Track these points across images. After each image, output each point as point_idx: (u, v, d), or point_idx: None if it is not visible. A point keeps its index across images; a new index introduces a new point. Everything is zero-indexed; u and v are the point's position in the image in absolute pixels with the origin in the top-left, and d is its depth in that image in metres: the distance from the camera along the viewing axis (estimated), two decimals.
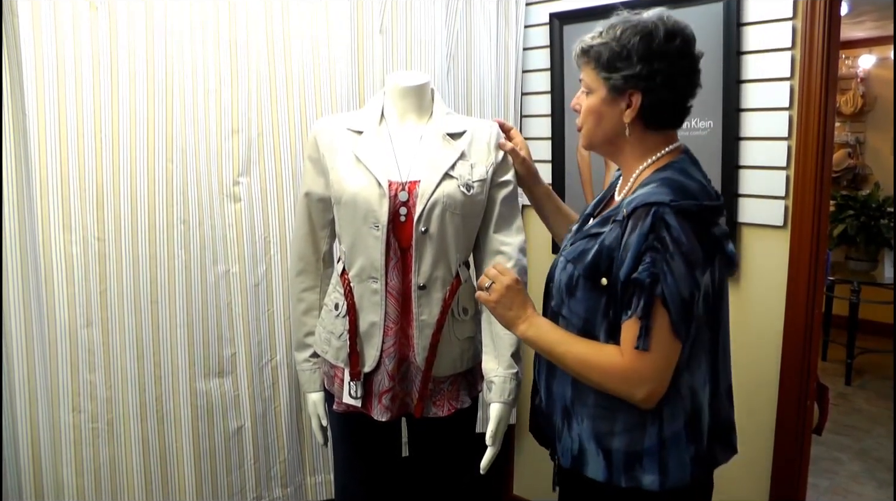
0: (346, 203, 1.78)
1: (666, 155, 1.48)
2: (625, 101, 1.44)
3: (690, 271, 1.32)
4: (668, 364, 1.37)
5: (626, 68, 1.42)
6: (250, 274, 2.30)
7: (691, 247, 1.32)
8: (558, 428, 1.54)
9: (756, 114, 2.25)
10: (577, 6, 2.65)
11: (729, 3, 2.23)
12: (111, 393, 2.10)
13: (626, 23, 1.44)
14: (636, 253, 1.33)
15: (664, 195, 1.34)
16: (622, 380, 1.38)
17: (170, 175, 2.12)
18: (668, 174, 1.42)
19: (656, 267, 1.30)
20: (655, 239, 1.31)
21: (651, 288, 1.31)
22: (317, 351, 1.95)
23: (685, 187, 1.38)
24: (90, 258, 2.03)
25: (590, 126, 1.52)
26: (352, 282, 1.82)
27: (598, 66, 1.45)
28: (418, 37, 2.52)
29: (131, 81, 2.05)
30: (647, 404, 1.39)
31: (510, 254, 1.84)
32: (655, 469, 1.41)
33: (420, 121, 1.87)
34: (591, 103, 1.49)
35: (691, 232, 1.32)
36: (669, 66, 1.42)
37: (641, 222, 1.33)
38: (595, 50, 1.45)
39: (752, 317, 2.29)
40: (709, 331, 1.43)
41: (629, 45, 1.41)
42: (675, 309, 1.31)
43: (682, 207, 1.33)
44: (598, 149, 1.57)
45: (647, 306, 1.32)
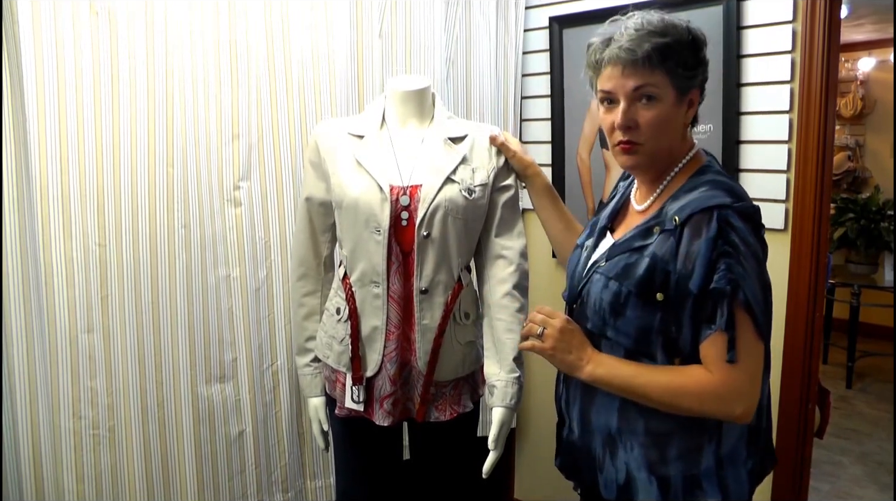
0: (347, 207, 1.79)
1: (693, 158, 1.44)
2: (687, 101, 1.38)
3: (761, 271, 1.28)
4: (760, 370, 1.31)
5: (698, 64, 1.36)
6: (251, 279, 2.31)
7: (758, 246, 1.29)
8: (599, 459, 1.46)
9: (756, 117, 2.26)
10: (576, 10, 2.66)
11: (729, 6, 2.24)
12: (112, 399, 2.10)
13: (669, 21, 1.34)
14: (708, 260, 1.26)
15: (723, 198, 1.29)
16: (718, 399, 1.29)
17: (170, 179, 2.13)
18: (712, 177, 1.36)
19: (733, 272, 1.24)
20: (726, 243, 1.25)
21: (733, 295, 1.25)
22: (318, 355, 1.96)
23: (735, 189, 1.34)
24: (91, 263, 2.03)
25: (659, 138, 1.38)
26: (353, 287, 1.83)
27: (673, 64, 1.32)
28: (418, 41, 2.53)
29: (131, 86, 2.06)
30: (745, 419, 1.31)
31: (511, 259, 1.85)
32: (716, 490, 1.36)
33: (421, 126, 1.88)
34: (660, 111, 1.35)
35: (752, 232, 1.29)
36: (707, 62, 1.41)
37: (706, 228, 1.27)
38: (669, 46, 1.32)
39: None
40: None
41: (696, 42, 1.35)
42: (758, 312, 1.26)
43: (744, 208, 1.29)
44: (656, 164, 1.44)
45: (731, 315, 1.25)
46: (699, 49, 1.36)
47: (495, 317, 1.84)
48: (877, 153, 6.20)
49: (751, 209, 1.30)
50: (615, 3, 2.48)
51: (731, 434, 1.36)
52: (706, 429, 1.35)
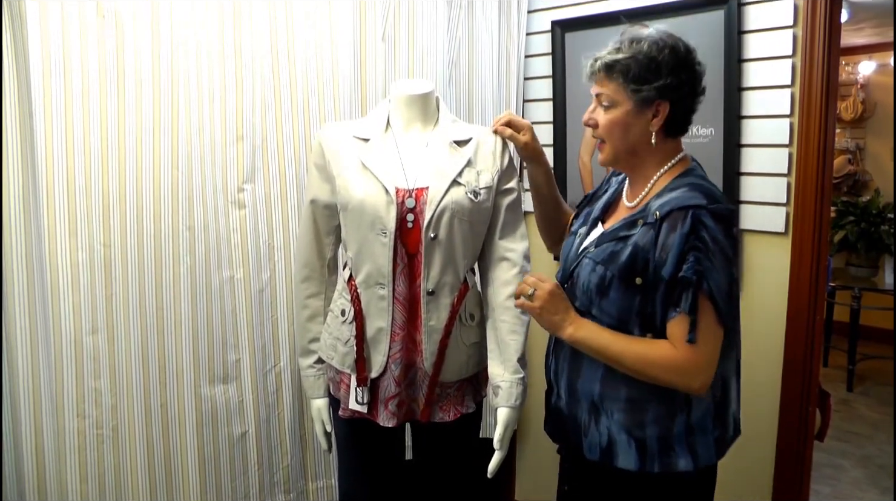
0: (353, 209, 1.80)
1: (679, 162, 1.59)
2: (651, 112, 1.53)
3: (728, 266, 1.44)
4: (717, 352, 1.48)
5: (656, 80, 1.50)
6: (255, 281, 2.33)
7: (726, 244, 1.44)
8: (584, 424, 1.60)
9: (757, 121, 2.28)
10: (579, 14, 2.69)
11: (730, 11, 2.26)
12: (116, 400, 2.12)
13: (645, 37, 1.52)
14: (679, 253, 1.43)
15: (700, 199, 1.45)
16: (679, 372, 1.46)
17: (175, 181, 2.16)
18: (693, 180, 1.53)
19: (701, 264, 1.41)
20: (696, 239, 1.42)
21: (698, 284, 1.41)
22: (322, 357, 1.98)
23: (713, 192, 1.50)
24: (96, 264, 2.06)
25: (616, 139, 1.58)
26: (358, 288, 1.85)
27: (626, 79, 1.51)
28: (421, 44, 2.55)
29: (137, 89, 2.08)
30: (701, 391, 1.49)
31: (515, 261, 1.87)
32: (686, 453, 1.52)
33: (425, 129, 1.90)
34: (615, 116, 1.55)
35: (723, 232, 1.44)
36: (691, 79, 1.54)
37: (681, 224, 1.43)
38: (622, 64, 1.51)
39: (754, 324, 2.31)
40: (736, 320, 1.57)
41: (659, 58, 1.50)
42: (720, 301, 1.43)
43: (717, 210, 1.44)
44: (620, 162, 1.63)
45: (693, 301, 1.42)
46: (661, 66, 1.50)
47: (499, 319, 1.86)
48: (877, 156, 6.22)
49: (724, 211, 1.46)
50: (617, 8, 2.52)
51: (699, 406, 1.53)
52: (678, 399, 1.52)
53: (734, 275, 1.47)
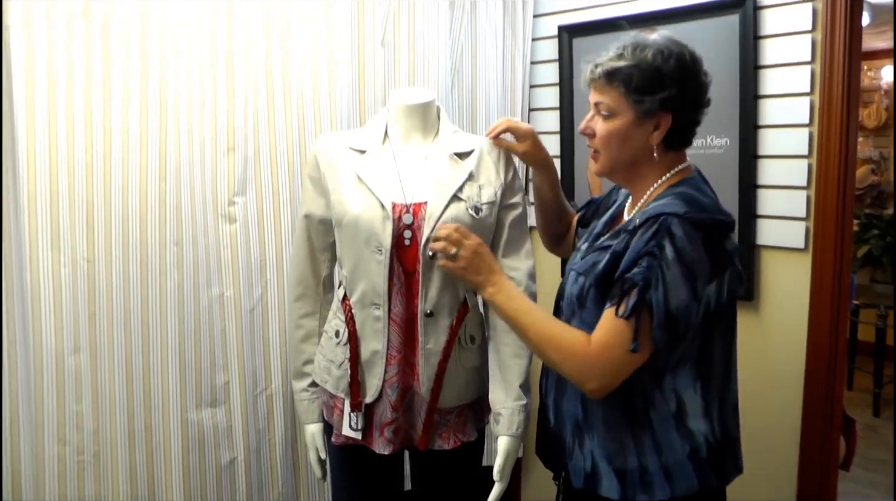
0: (347, 225, 1.80)
1: (678, 173, 1.58)
2: (652, 124, 1.52)
3: (689, 282, 1.40)
4: (627, 365, 1.46)
5: (660, 91, 1.49)
6: (245, 299, 2.33)
7: (696, 258, 1.41)
8: (569, 447, 1.61)
9: (774, 130, 2.28)
10: (587, 18, 2.70)
11: (745, 15, 2.27)
12: (98, 424, 2.12)
13: (650, 45, 1.50)
14: (636, 253, 1.43)
15: (678, 207, 1.44)
16: (578, 366, 1.48)
17: (163, 194, 2.16)
18: (683, 189, 1.52)
19: (651, 272, 1.40)
20: (656, 245, 1.40)
21: (642, 291, 1.40)
22: (316, 380, 1.97)
23: (699, 201, 1.48)
24: (79, 280, 2.06)
25: (613, 150, 1.57)
26: (353, 309, 1.84)
27: (627, 88, 1.50)
28: (422, 50, 2.57)
29: (124, 96, 2.09)
30: (595, 394, 1.49)
31: (519, 280, 1.86)
32: (663, 478, 1.50)
33: (425, 141, 1.90)
34: (614, 127, 1.54)
35: (701, 243, 1.41)
36: (696, 89, 1.54)
37: (648, 228, 1.43)
38: (624, 72, 1.50)
39: (773, 345, 2.31)
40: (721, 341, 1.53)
41: (664, 68, 1.49)
42: (657, 317, 1.40)
43: (695, 219, 1.42)
44: (616, 173, 1.62)
45: (636, 307, 1.40)
46: (665, 76, 1.49)
47: (501, 342, 1.85)
48: None
49: (707, 221, 1.44)
50: (628, 12, 2.53)
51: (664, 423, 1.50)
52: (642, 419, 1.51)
53: (698, 292, 1.42)
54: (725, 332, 1.55)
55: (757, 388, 2.30)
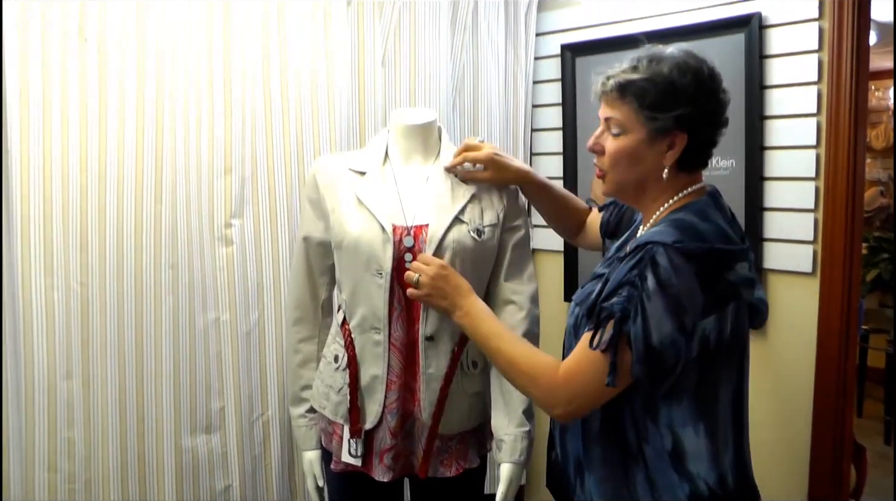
0: (347, 248, 1.80)
1: (686, 195, 1.51)
2: (666, 143, 1.45)
3: (674, 315, 1.34)
4: (602, 396, 1.42)
5: (676, 108, 1.42)
6: (242, 323, 2.33)
7: (684, 290, 1.34)
8: (572, 483, 1.58)
9: (781, 152, 2.28)
10: (590, 37, 2.71)
11: (751, 34, 2.28)
12: (90, 451, 2.11)
13: (666, 58, 1.43)
14: (615, 284, 1.39)
15: (668, 236, 1.37)
16: (545, 393, 1.47)
17: (158, 215, 2.17)
18: (681, 215, 1.44)
19: (630, 303, 1.35)
20: (637, 275, 1.35)
21: (620, 323, 1.35)
22: (314, 405, 1.96)
23: (695, 228, 1.40)
24: (72, 304, 2.06)
25: (622, 170, 1.50)
26: (353, 333, 1.84)
27: (640, 104, 1.43)
28: (423, 69, 2.58)
29: (120, 116, 2.10)
30: (561, 419, 1.50)
31: (521, 304, 1.86)
32: None
33: (426, 162, 1.91)
34: (624, 144, 1.47)
35: (693, 275, 1.34)
36: (714, 108, 1.47)
37: (632, 257, 1.38)
38: (637, 86, 1.43)
39: (780, 372, 2.31)
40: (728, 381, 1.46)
41: (680, 83, 1.42)
42: (636, 351, 1.35)
43: (687, 249, 1.35)
44: (624, 194, 1.57)
45: (614, 339, 1.36)
46: (681, 91, 1.42)
47: None
48: None
49: (699, 251, 1.36)
50: (631, 30, 2.54)
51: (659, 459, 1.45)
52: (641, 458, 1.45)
53: (685, 326, 1.34)
54: (734, 372, 1.47)
55: (764, 417, 2.28)
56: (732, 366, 1.47)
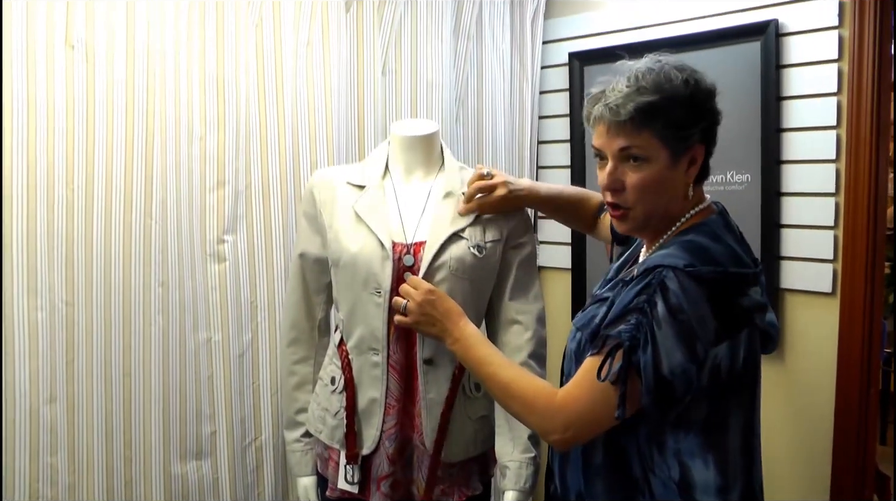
0: (344, 265, 1.81)
1: (697, 214, 1.49)
2: (688, 159, 1.43)
3: (685, 343, 1.33)
4: (603, 424, 1.40)
5: (696, 122, 1.41)
6: (234, 343, 2.32)
7: (695, 317, 1.33)
8: None
9: (799, 166, 2.28)
10: (599, 45, 2.71)
11: (767, 42, 2.27)
12: (75, 479, 2.10)
13: (667, 70, 1.40)
14: (623, 308, 1.37)
15: (679, 259, 1.36)
16: (541, 418, 1.46)
17: (148, 231, 2.16)
18: (692, 236, 1.43)
19: (639, 330, 1.33)
20: (646, 301, 1.34)
21: (629, 352, 1.33)
22: (310, 430, 1.96)
23: (708, 251, 1.39)
24: (57, 325, 2.05)
25: (649, 201, 1.45)
26: (350, 354, 1.84)
27: (666, 126, 1.39)
28: (424, 79, 2.58)
29: (108, 127, 2.10)
30: (557, 446, 1.49)
31: (527, 324, 1.86)
32: None
33: (428, 176, 1.91)
34: (649, 174, 1.42)
35: (704, 301, 1.33)
36: (716, 115, 1.46)
37: (640, 281, 1.37)
38: (660, 108, 1.38)
39: (798, 397, 2.30)
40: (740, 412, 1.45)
41: (696, 96, 1.41)
42: (646, 381, 1.33)
43: (699, 273, 1.34)
44: (650, 227, 1.51)
45: (623, 370, 1.34)
46: (699, 104, 1.42)
47: None
48: None
49: (711, 275, 1.35)
50: (641, 38, 2.55)
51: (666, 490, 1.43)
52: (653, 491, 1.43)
53: (697, 354, 1.33)
54: (745, 401, 1.46)
55: (781, 444, 2.27)
56: (744, 395, 1.46)
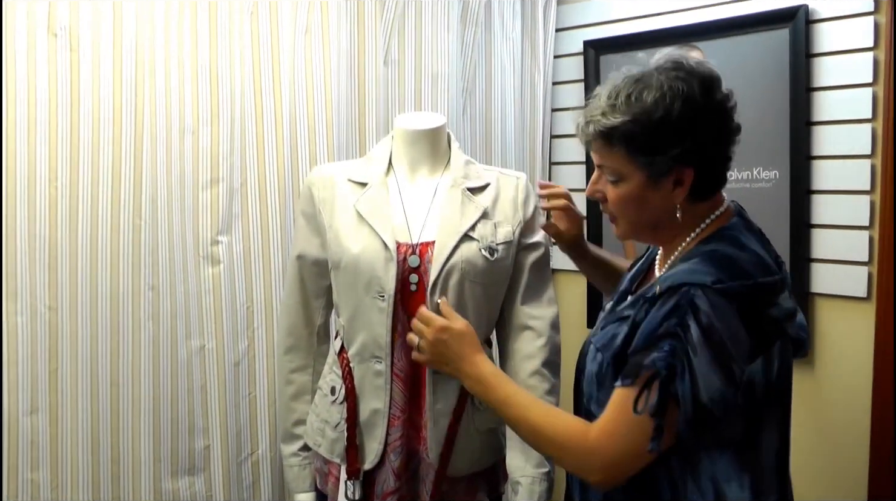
0: (345, 268, 1.80)
1: (715, 220, 1.48)
2: (671, 180, 1.42)
3: (722, 366, 1.31)
4: (645, 459, 1.38)
5: (672, 147, 1.38)
6: (229, 351, 2.31)
7: (728, 336, 1.31)
8: None
9: (831, 162, 2.26)
10: (616, 32, 2.71)
11: (797, 29, 2.26)
12: (58, 495, 2.10)
13: (648, 85, 1.39)
14: (652, 332, 1.35)
15: (706, 275, 1.34)
16: (579, 461, 1.43)
17: (137, 231, 2.16)
18: (715, 246, 1.42)
19: (675, 358, 1.30)
20: (678, 324, 1.31)
21: (667, 381, 1.31)
22: (308, 443, 1.96)
23: (735, 262, 1.38)
24: (39, 331, 2.05)
25: (630, 216, 1.50)
26: (351, 362, 1.83)
27: (630, 149, 1.40)
28: (429, 69, 2.57)
29: (94, 120, 2.09)
30: (600, 486, 1.45)
31: (540, 330, 1.85)
32: None
33: (434, 172, 1.91)
34: (626, 192, 1.45)
35: (736, 318, 1.32)
36: (719, 125, 1.42)
37: (667, 300, 1.35)
38: (622, 131, 1.39)
39: (831, 408, 2.29)
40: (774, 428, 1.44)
41: (671, 118, 1.37)
42: (684, 411, 1.31)
43: (729, 289, 1.32)
44: (640, 236, 1.56)
45: (662, 402, 1.31)
46: (677, 126, 1.38)
47: None
48: None
49: (743, 289, 1.33)
50: (662, 26, 2.53)
51: None
52: None
53: (734, 376, 1.32)
54: (777, 416, 1.45)
55: (814, 457, 2.26)
56: (776, 410, 1.44)
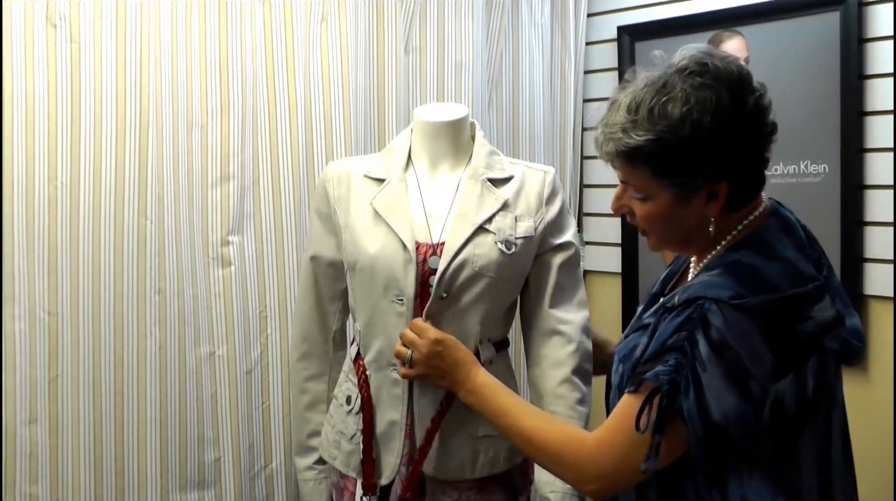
0: (361, 269, 1.78)
1: (748, 225, 1.44)
2: (703, 195, 1.37)
3: (737, 384, 1.28)
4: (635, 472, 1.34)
5: (702, 165, 1.33)
6: (241, 359, 2.31)
7: (747, 354, 1.27)
8: None
9: (884, 155, 2.24)
10: (652, 17, 2.69)
11: (848, 13, 2.25)
12: None
13: (672, 96, 1.32)
14: (661, 344, 1.33)
15: (724, 289, 1.30)
16: (573, 468, 1.44)
17: (142, 232, 2.15)
18: (741, 255, 1.38)
19: (679, 373, 1.29)
20: (686, 338, 1.29)
21: (669, 397, 1.29)
22: (323, 456, 1.94)
23: (759, 274, 1.33)
24: (38, 337, 2.05)
25: (661, 231, 1.46)
26: (368, 370, 1.81)
27: (655, 171, 1.36)
28: (452, 58, 2.56)
29: (96, 115, 2.09)
30: (594, 496, 1.46)
31: (571, 336, 1.81)
32: None
33: (457, 167, 1.88)
34: (653, 209, 1.41)
35: (758, 335, 1.28)
36: (752, 134, 1.36)
37: (680, 312, 1.33)
38: (645, 152, 1.33)
39: (885, 415, 2.25)
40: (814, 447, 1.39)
41: (699, 134, 1.31)
42: (694, 431, 1.29)
43: (748, 306, 1.28)
44: (672, 248, 1.54)
45: (662, 420, 1.29)
46: (708, 142, 1.32)
47: (549, 410, 1.79)
48: None
49: (765, 306, 1.29)
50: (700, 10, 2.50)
51: None
52: None
53: (753, 395, 1.28)
54: (819, 433, 1.40)
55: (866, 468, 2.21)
56: (817, 427, 1.39)
